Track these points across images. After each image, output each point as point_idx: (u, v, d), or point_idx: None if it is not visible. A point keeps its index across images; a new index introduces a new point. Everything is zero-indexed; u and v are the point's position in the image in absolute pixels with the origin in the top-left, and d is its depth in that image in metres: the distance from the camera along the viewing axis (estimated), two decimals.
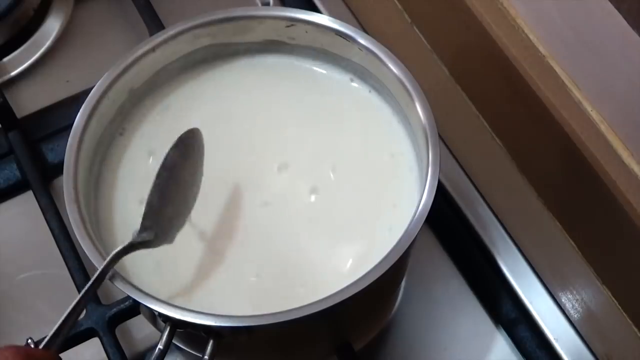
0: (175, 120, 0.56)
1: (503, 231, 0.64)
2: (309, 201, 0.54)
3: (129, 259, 0.49)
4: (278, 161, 0.55)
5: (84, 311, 0.57)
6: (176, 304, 0.47)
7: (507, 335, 0.61)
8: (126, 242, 0.48)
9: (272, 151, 0.56)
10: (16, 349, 0.44)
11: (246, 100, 0.58)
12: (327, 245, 0.53)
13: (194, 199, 0.52)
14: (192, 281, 0.51)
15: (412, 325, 0.61)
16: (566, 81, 0.53)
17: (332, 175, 0.55)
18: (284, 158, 0.56)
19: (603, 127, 0.52)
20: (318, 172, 0.55)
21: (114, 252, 0.48)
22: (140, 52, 0.55)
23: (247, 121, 0.57)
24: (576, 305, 0.60)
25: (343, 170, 0.55)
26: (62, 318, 0.46)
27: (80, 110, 0.53)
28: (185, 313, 0.46)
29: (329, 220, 0.53)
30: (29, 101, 0.69)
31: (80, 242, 0.49)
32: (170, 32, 0.56)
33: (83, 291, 0.47)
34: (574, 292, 0.60)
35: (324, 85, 0.58)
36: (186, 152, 0.51)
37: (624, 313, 0.57)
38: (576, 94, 0.53)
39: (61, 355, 0.56)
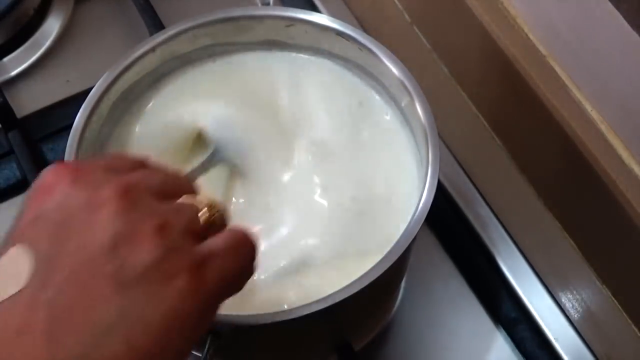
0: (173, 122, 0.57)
1: (503, 231, 0.64)
2: (314, 200, 0.54)
3: None
4: (281, 158, 0.56)
5: None
6: None
7: (507, 335, 0.61)
8: None
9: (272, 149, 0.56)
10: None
11: (248, 101, 0.58)
12: (324, 245, 0.53)
13: None
14: None
15: (412, 325, 0.61)
16: (566, 81, 0.53)
17: (332, 174, 0.55)
18: (285, 156, 0.56)
19: (603, 127, 0.52)
20: (318, 172, 0.55)
21: None
22: (140, 52, 0.55)
23: (248, 124, 0.57)
24: (576, 305, 0.60)
25: (342, 169, 0.55)
26: None
27: (80, 110, 0.53)
28: None
29: (328, 220, 0.54)
30: (29, 101, 0.69)
31: None
32: (170, 32, 0.55)
33: None
34: (574, 292, 0.60)
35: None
36: None
37: (624, 313, 0.57)
38: (576, 94, 0.53)
39: None
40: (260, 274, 0.52)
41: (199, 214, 0.39)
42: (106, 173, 0.38)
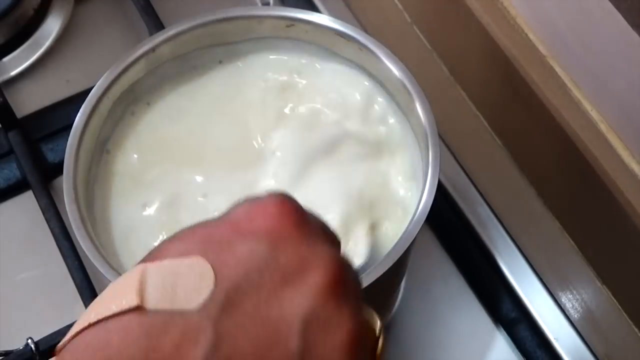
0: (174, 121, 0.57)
1: (503, 231, 0.64)
2: (307, 197, 0.54)
3: (126, 253, 0.49)
4: (275, 163, 0.56)
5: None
6: None
7: (507, 335, 0.61)
8: None
9: (271, 150, 0.56)
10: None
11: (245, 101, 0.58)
12: None
13: None
14: None
15: (412, 325, 0.61)
16: (566, 81, 0.53)
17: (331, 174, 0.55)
18: (279, 156, 0.56)
19: (603, 127, 0.52)
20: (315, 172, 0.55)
21: None
22: (140, 52, 0.55)
23: (247, 123, 0.57)
24: (576, 305, 0.60)
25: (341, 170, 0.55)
26: None
27: (80, 110, 0.53)
28: None
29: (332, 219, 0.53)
30: (29, 101, 0.69)
31: (80, 242, 0.49)
32: (170, 32, 0.55)
33: None
34: (574, 292, 0.60)
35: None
36: None
37: (624, 313, 0.57)
38: (576, 94, 0.53)
39: None
40: None
41: (378, 338, 0.36)
42: (326, 239, 0.34)
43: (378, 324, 0.36)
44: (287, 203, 0.33)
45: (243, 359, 0.30)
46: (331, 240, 0.35)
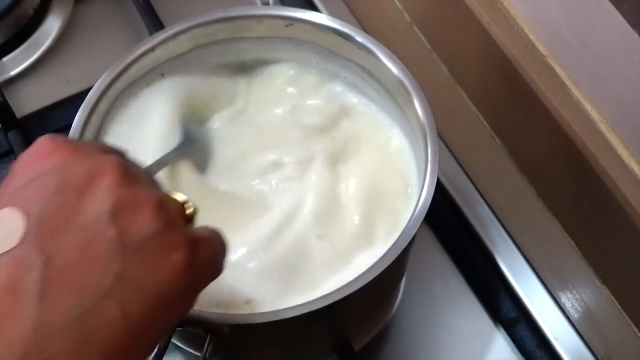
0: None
1: (503, 231, 0.64)
2: (307, 203, 0.54)
3: None
4: (272, 161, 0.56)
5: None
6: None
7: (507, 335, 0.61)
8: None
9: (268, 152, 0.56)
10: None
11: (244, 101, 0.58)
12: (324, 245, 0.53)
13: None
14: None
15: (412, 325, 0.61)
16: (566, 81, 0.53)
17: (330, 176, 0.55)
18: (278, 159, 0.56)
19: (603, 127, 0.52)
20: (313, 174, 0.55)
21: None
22: (140, 52, 0.55)
23: (246, 123, 0.57)
24: (576, 305, 0.60)
25: (341, 171, 0.55)
26: None
27: (80, 110, 0.53)
28: None
29: (327, 221, 0.54)
30: (29, 101, 0.69)
31: None
32: (170, 32, 0.56)
33: None
34: (574, 292, 0.60)
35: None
36: None
37: (624, 313, 0.57)
38: (576, 94, 0.53)
39: None
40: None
41: (186, 206, 0.41)
42: (104, 152, 0.39)
43: (180, 195, 0.40)
44: (56, 139, 0.39)
45: (74, 263, 0.34)
46: (111, 151, 0.40)
